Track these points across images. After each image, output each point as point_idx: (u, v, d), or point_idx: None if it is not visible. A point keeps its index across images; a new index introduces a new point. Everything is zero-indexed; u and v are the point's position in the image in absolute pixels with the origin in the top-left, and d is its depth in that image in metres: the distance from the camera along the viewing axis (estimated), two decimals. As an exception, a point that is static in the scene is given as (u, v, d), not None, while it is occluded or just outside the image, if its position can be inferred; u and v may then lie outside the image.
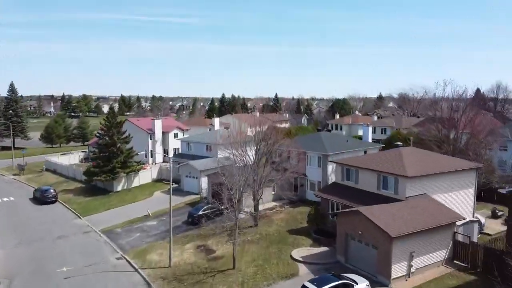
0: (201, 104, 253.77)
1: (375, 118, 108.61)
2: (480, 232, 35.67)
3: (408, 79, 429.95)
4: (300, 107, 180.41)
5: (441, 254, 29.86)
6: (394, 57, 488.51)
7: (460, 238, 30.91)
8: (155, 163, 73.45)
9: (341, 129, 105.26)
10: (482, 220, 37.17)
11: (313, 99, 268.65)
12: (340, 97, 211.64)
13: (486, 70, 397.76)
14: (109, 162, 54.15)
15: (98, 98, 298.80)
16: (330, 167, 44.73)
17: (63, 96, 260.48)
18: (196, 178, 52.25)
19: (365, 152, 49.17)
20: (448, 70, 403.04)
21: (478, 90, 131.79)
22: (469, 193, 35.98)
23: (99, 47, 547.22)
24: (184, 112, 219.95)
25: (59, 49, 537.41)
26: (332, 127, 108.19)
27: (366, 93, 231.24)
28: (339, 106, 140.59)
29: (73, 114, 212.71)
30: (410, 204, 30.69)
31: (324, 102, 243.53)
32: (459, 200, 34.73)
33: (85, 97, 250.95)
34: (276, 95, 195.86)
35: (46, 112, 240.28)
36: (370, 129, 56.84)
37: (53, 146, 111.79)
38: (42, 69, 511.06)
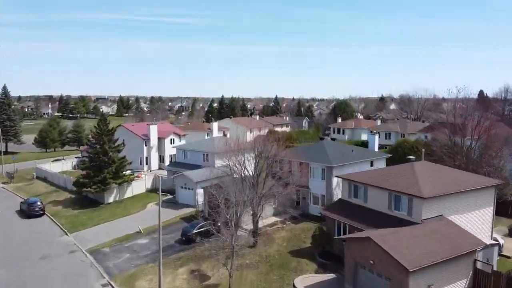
0: (201, 105, 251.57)
1: (379, 122, 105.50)
2: (499, 254, 32.69)
3: (408, 79, 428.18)
4: (300, 109, 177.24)
5: (461, 285, 26.84)
6: (394, 57, 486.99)
7: (479, 265, 27.94)
8: (150, 170, 70.54)
9: (343, 133, 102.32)
10: (501, 241, 34.16)
11: (313, 99, 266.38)
12: (341, 97, 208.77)
13: (486, 70, 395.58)
14: (100, 172, 51.08)
15: (97, 99, 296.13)
16: (335, 180, 41.73)
17: (61, 97, 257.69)
18: (192, 189, 49.24)
19: (371, 163, 46.21)
20: (448, 70, 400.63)
21: (481, 92, 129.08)
22: (488, 213, 32.88)
23: (99, 47, 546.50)
24: (183, 113, 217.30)
25: (59, 49, 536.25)
26: (334, 131, 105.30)
27: (366, 94, 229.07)
28: (341, 109, 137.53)
29: (70, 115, 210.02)
30: (427, 229, 27.63)
31: (324, 103, 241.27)
32: (477, 221, 31.67)
33: (82, 98, 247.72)
34: (276, 97, 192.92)
35: (44, 114, 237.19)
36: (377, 137, 53.63)
37: (47, 150, 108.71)
38: (41, 69, 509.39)
